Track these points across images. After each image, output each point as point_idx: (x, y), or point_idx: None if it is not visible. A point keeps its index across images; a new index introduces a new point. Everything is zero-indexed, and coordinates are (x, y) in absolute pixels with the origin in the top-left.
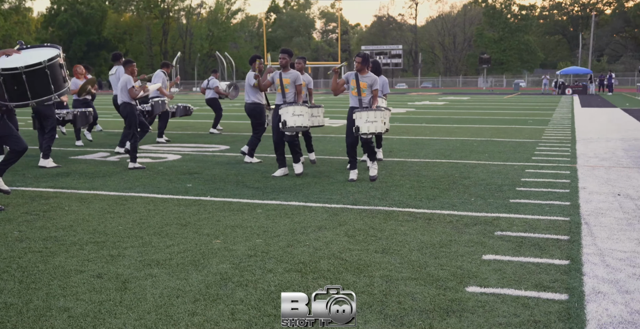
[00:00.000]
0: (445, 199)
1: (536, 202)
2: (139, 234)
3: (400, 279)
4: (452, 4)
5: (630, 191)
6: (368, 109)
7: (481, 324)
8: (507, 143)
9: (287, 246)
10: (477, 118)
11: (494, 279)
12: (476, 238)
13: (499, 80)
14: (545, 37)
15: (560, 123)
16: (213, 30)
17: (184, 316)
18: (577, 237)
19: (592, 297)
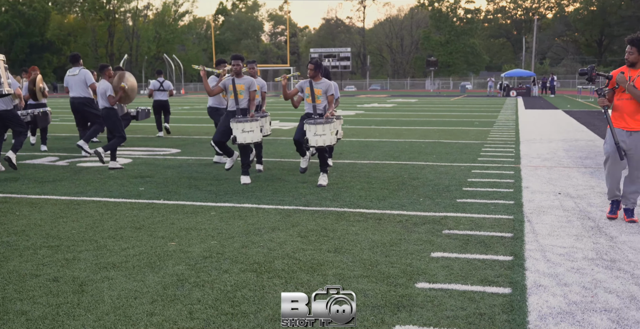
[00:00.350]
0: (394, 200)
1: (482, 202)
2: (93, 238)
3: (353, 277)
4: (400, 7)
5: (570, 189)
6: (317, 122)
7: (430, 318)
8: (454, 144)
9: (241, 247)
10: (425, 120)
11: (442, 275)
12: (425, 237)
13: (446, 83)
14: (490, 40)
15: (505, 125)
16: (160, 33)
17: (143, 317)
18: (520, 234)
19: (533, 290)
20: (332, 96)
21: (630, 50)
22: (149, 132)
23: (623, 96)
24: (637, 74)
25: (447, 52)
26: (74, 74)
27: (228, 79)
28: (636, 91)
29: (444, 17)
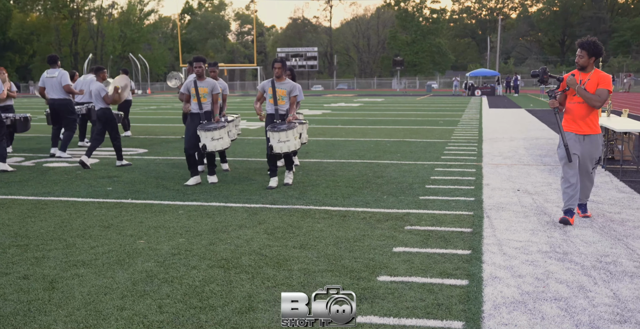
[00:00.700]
0: (359, 197)
1: (443, 199)
2: (62, 237)
3: (317, 271)
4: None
5: (529, 186)
6: (280, 128)
7: (390, 309)
8: (418, 143)
9: (209, 244)
10: (391, 119)
11: (403, 269)
12: (387, 233)
13: (412, 82)
14: (455, 40)
15: (468, 123)
16: (126, 32)
17: (113, 311)
18: (479, 229)
19: (489, 281)
20: (295, 97)
21: (580, 53)
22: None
23: (574, 99)
24: (587, 78)
25: (413, 51)
26: (53, 76)
27: (190, 82)
28: (586, 94)
29: (410, 16)
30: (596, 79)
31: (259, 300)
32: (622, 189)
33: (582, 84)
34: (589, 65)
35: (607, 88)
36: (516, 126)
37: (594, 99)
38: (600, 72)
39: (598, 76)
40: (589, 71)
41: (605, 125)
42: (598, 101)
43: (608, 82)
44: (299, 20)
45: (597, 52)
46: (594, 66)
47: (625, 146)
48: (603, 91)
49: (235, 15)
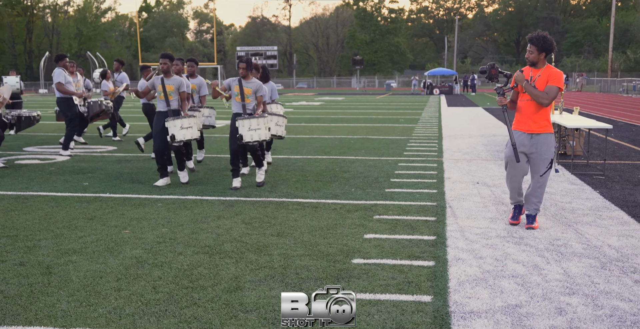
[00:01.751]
0: (328, 190)
1: (408, 191)
2: (49, 228)
3: (296, 256)
4: (325, 6)
5: (487, 179)
6: (251, 116)
7: (365, 286)
8: (381, 140)
9: (191, 233)
10: (353, 117)
11: (375, 252)
12: (358, 221)
13: (372, 81)
14: (413, 39)
15: (428, 121)
16: (82, 29)
17: (111, 292)
18: (442, 218)
19: (453, 262)
20: (261, 96)
21: (530, 49)
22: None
23: (524, 97)
24: (538, 74)
25: (372, 50)
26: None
27: (157, 79)
28: (533, 91)
29: (369, 16)
30: (546, 76)
31: (245, 281)
32: (573, 182)
33: (532, 80)
34: (539, 61)
35: (556, 85)
36: (474, 123)
37: (541, 96)
38: (551, 69)
39: (549, 73)
40: (540, 67)
41: (558, 122)
42: (545, 98)
43: (559, 79)
44: (258, 19)
45: (547, 48)
46: (546, 62)
47: (576, 141)
48: (552, 88)
49: (194, 14)
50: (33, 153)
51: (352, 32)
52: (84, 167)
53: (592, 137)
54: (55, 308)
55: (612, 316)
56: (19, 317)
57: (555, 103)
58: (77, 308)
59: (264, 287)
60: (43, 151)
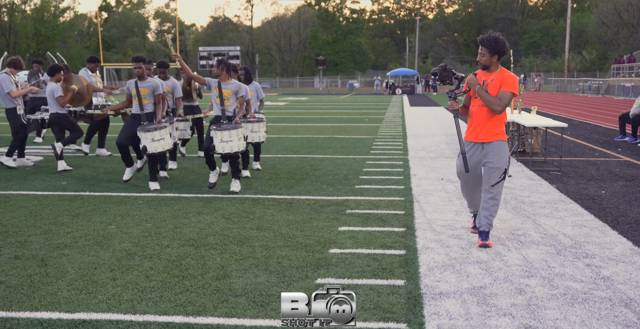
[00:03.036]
0: (301, 187)
1: (377, 187)
2: (36, 224)
3: (276, 247)
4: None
5: (452, 176)
6: (224, 128)
7: (343, 273)
8: (347, 139)
9: (175, 228)
10: (318, 117)
11: (350, 243)
12: (332, 215)
13: (334, 81)
14: (375, 39)
15: (392, 121)
16: (40, 29)
17: (107, 281)
18: (410, 211)
19: (423, 251)
20: (242, 97)
21: (481, 51)
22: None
23: (476, 102)
24: (490, 78)
25: (334, 51)
26: None
27: (130, 82)
28: (486, 96)
29: (331, 16)
30: (500, 80)
31: (231, 269)
32: (531, 177)
33: (485, 84)
34: (492, 64)
35: (510, 90)
36: (436, 123)
37: (494, 102)
38: (505, 72)
39: (502, 77)
40: (493, 71)
41: (516, 121)
42: (498, 104)
43: (512, 84)
44: (220, 19)
45: (499, 50)
46: (499, 66)
47: (534, 139)
48: (505, 93)
49: (155, 14)
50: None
51: (314, 32)
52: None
53: (549, 135)
54: (57, 295)
55: (565, 295)
56: (24, 304)
57: (514, 103)
58: (77, 295)
59: (249, 274)
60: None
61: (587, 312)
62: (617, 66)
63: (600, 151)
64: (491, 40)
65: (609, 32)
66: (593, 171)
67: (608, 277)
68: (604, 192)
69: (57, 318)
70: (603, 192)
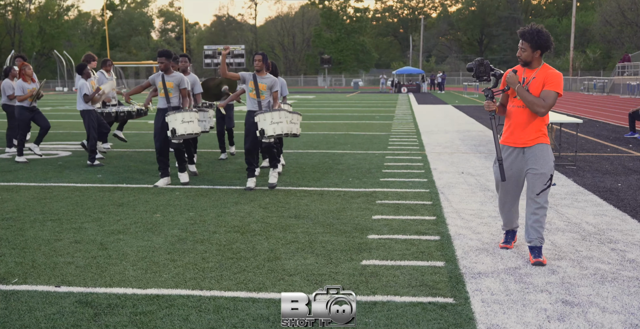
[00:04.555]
0: (328, 180)
1: (401, 180)
2: (85, 213)
3: (317, 233)
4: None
5: (471, 170)
6: (271, 110)
7: (385, 256)
8: (363, 136)
9: (217, 216)
10: (329, 115)
11: (385, 230)
12: (363, 205)
13: (338, 80)
14: (378, 38)
15: (403, 118)
16: (44, 28)
17: (167, 262)
18: (437, 202)
19: (455, 237)
20: (276, 92)
21: (522, 45)
22: (75, 128)
23: (515, 102)
24: (532, 75)
25: (338, 49)
26: None
27: (157, 75)
28: (527, 96)
29: (335, 15)
30: (543, 78)
31: (280, 252)
32: None
33: (525, 83)
34: (534, 61)
35: (555, 90)
36: (446, 120)
37: (537, 103)
38: (549, 69)
39: (546, 74)
40: (535, 67)
41: None
42: (542, 106)
43: (557, 82)
44: (224, 17)
45: (542, 44)
46: (542, 61)
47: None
48: (549, 93)
49: (158, 12)
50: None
51: (317, 31)
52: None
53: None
54: (125, 274)
55: (595, 274)
56: (97, 281)
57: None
58: (144, 274)
59: (298, 257)
60: (42, 147)
61: (617, 289)
62: (622, 65)
63: (612, 147)
64: (533, 33)
65: (613, 31)
66: (607, 166)
67: (633, 260)
68: (620, 185)
69: (132, 293)
70: (619, 185)
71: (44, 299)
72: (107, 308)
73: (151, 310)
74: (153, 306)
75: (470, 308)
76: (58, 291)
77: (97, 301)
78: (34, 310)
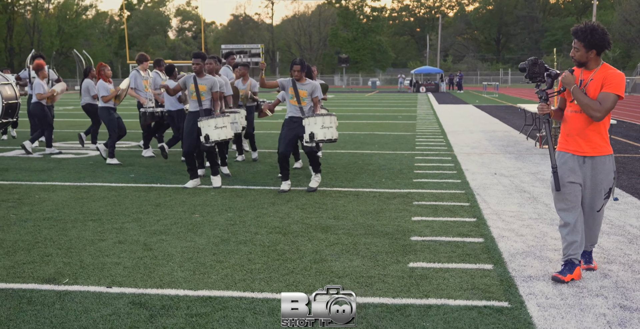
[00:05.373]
0: (361, 181)
1: (434, 181)
2: (124, 213)
3: (360, 234)
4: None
5: (503, 171)
6: (321, 114)
7: (432, 258)
8: (388, 136)
9: (256, 217)
10: (351, 114)
11: (427, 231)
12: (401, 207)
13: (355, 79)
14: (395, 37)
15: (426, 118)
16: (63, 27)
17: (214, 263)
18: (475, 203)
19: (499, 239)
20: (317, 98)
21: (575, 45)
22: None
23: (572, 107)
24: (590, 77)
25: (354, 48)
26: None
27: (189, 78)
28: (583, 98)
29: (351, 14)
30: (601, 79)
31: (325, 254)
32: None
33: (583, 84)
34: (590, 61)
35: (614, 92)
36: (469, 120)
37: (593, 106)
38: (608, 69)
39: (604, 75)
40: (593, 68)
41: None
42: (597, 109)
43: (617, 84)
44: (241, 16)
45: (596, 43)
46: (601, 61)
47: None
48: (608, 96)
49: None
50: (61, 148)
51: (334, 30)
52: (120, 161)
53: None
54: (174, 275)
55: None
56: (147, 282)
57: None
58: (192, 276)
59: (344, 259)
60: (71, 146)
61: None
62: None
63: None
64: (586, 32)
65: (633, 30)
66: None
67: None
68: None
69: (184, 294)
70: None
71: (97, 300)
72: (161, 310)
73: (206, 312)
74: (207, 308)
75: (527, 312)
76: (110, 292)
77: (150, 303)
78: (90, 311)
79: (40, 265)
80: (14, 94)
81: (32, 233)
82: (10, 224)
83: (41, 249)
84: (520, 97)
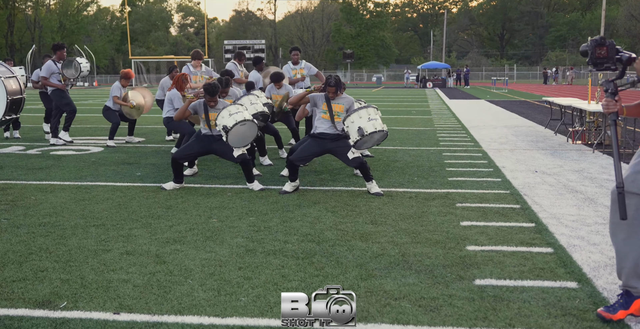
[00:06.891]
0: (391, 179)
1: (472, 180)
2: (132, 217)
3: (406, 243)
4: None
5: (543, 168)
6: (359, 108)
7: (499, 273)
8: (407, 131)
9: (283, 222)
10: None
11: (484, 239)
12: (444, 209)
13: (359, 75)
14: (398, 33)
15: (441, 113)
16: (64, 23)
17: (242, 281)
18: (526, 205)
19: (571, 249)
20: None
21: None
22: (103, 123)
23: None
24: None
25: (358, 44)
26: None
27: (199, 105)
28: None
29: (354, 10)
30: None
31: (372, 268)
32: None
33: None
34: None
35: None
36: (487, 115)
37: None
38: None
39: None
40: None
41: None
42: None
43: None
44: (243, 12)
45: None
46: None
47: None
48: None
49: (177, 7)
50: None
51: (337, 26)
52: (124, 158)
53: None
54: (194, 297)
55: None
56: (163, 306)
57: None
58: (217, 297)
59: (396, 274)
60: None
61: None
62: None
63: None
64: None
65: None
66: None
67: None
68: None
69: (209, 323)
70: None
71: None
72: None
73: None
74: None
75: None
76: (118, 320)
77: None
78: None
79: (32, 283)
80: (18, 89)
81: (26, 242)
82: (0, 231)
83: (35, 262)
84: (530, 93)
